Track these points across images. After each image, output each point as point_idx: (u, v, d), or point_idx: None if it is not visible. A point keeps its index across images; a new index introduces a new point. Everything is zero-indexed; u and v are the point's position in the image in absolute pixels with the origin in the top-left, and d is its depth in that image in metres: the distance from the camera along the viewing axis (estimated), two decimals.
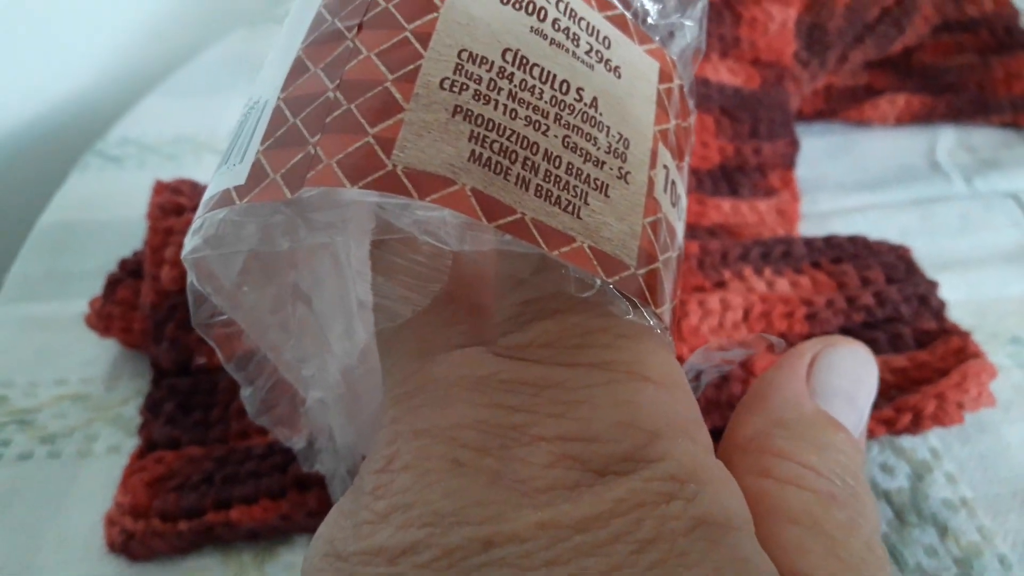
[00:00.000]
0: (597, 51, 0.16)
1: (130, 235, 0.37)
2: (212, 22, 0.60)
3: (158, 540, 0.27)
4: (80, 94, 0.55)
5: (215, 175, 0.16)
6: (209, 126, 0.49)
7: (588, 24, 0.16)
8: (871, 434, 0.29)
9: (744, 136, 0.41)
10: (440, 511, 0.14)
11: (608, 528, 0.13)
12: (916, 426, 0.28)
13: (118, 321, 0.33)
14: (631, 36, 0.17)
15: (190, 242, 0.16)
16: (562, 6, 0.16)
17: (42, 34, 0.52)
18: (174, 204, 0.34)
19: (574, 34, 0.16)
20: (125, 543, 0.27)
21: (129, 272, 0.34)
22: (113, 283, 0.34)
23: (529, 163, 0.14)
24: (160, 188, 0.35)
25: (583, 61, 0.16)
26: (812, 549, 0.15)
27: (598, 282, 0.14)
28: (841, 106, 0.46)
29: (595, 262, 0.14)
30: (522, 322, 0.15)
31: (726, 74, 0.41)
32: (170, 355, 0.31)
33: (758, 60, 0.42)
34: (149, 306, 0.32)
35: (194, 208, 0.34)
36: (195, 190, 0.35)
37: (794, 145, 0.42)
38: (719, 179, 0.40)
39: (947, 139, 0.45)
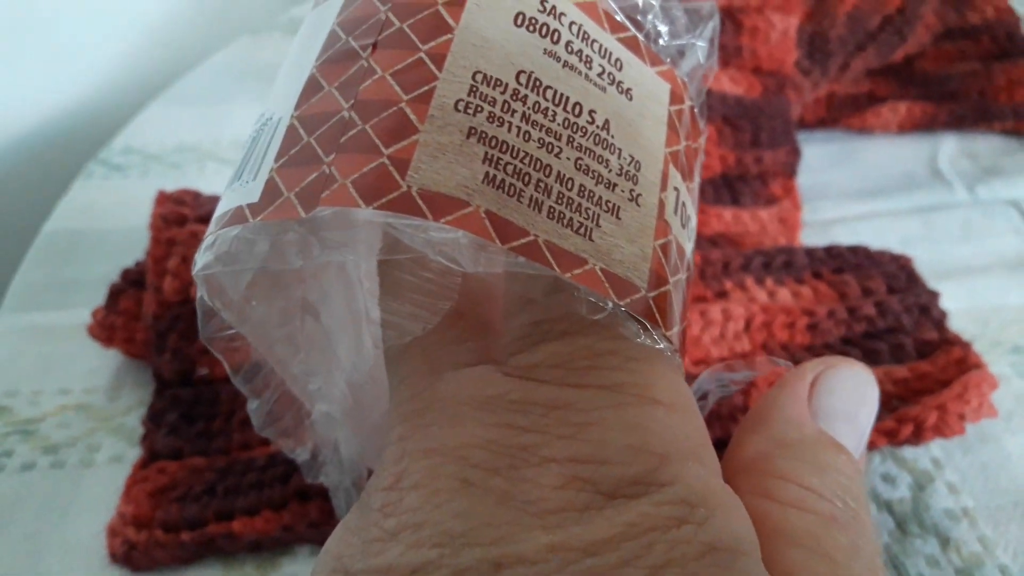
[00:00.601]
0: (609, 73, 0.16)
1: (133, 244, 0.38)
2: (215, 30, 0.60)
3: (160, 550, 0.27)
4: (83, 102, 0.55)
5: (227, 191, 0.16)
6: (212, 135, 0.49)
7: (601, 46, 0.16)
8: (872, 445, 0.29)
9: (745, 145, 0.41)
10: (450, 531, 0.14)
11: (619, 552, 0.13)
12: (917, 437, 0.28)
13: (121, 331, 0.33)
14: (643, 58, 0.17)
15: (202, 258, 0.16)
16: (575, 28, 0.16)
17: (46, 42, 0.52)
18: (176, 215, 0.34)
19: (587, 56, 0.16)
20: (127, 553, 0.27)
21: (131, 282, 0.34)
22: (115, 293, 0.34)
23: (542, 185, 0.14)
24: (162, 198, 0.35)
25: (595, 83, 0.16)
26: (815, 572, 0.15)
27: (609, 304, 0.14)
28: (843, 114, 0.46)
29: (606, 284, 0.14)
30: (532, 342, 0.15)
31: (727, 83, 0.41)
32: (172, 366, 0.31)
33: (759, 69, 0.42)
34: (151, 317, 0.32)
35: (196, 219, 0.34)
36: (197, 200, 0.35)
37: (795, 153, 0.42)
38: (720, 188, 0.40)
39: (949, 147, 0.45)
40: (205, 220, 0.34)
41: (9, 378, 0.34)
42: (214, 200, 0.36)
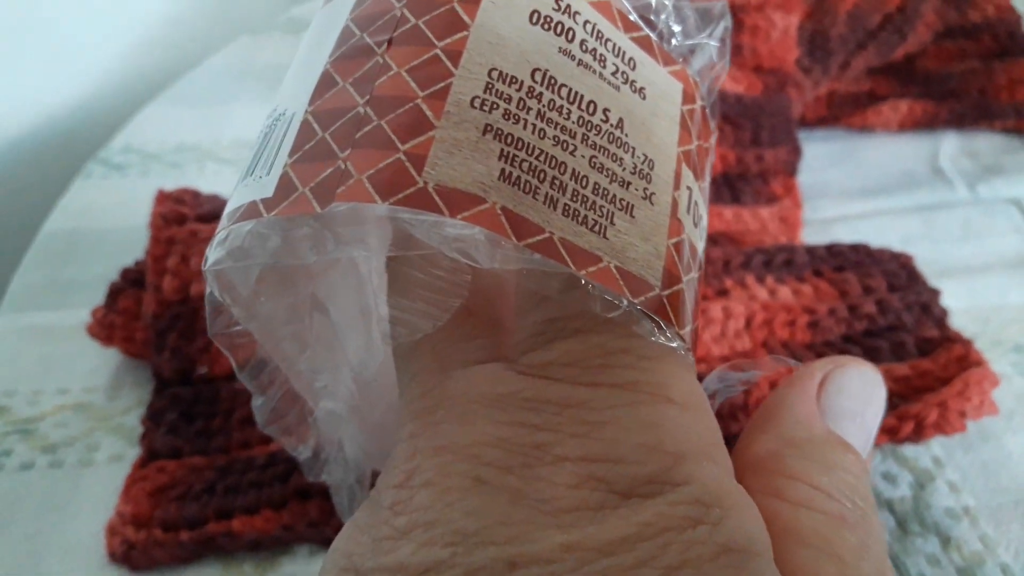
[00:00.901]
0: (623, 72, 0.16)
1: (132, 244, 0.37)
2: (215, 30, 0.60)
3: (159, 550, 0.27)
4: (83, 102, 0.55)
5: (238, 186, 0.16)
6: (212, 135, 0.49)
7: (614, 45, 0.16)
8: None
9: (746, 143, 0.41)
10: (463, 530, 0.13)
11: (634, 552, 0.13)
12: (918, 435, 0.28)
13: (120, 330, 0.33)
14: (656, 57, 0.17)
15: (214, 253, 0.16)
16: (589, 27, 0.16)
17: (46, 42, 0.52)
18: (176, 213, 0.34)
19: (601, 55, 0.16)
20: (126, 553, 0.27)
21: (131, 281, 0.34)
22: (115, 292, 0.34)
23: (557, 183, 0.14)
24: (162, 197, 0.35)
25: (609, 82, 0.16)
26: (824, 572, 0.15)
27: (624, 302, 0.14)
28: (844, 112, 0.46)
29: (621, 282, 0.14)
30: (545, 340, 0.15)
31: (728, 81, 0.41)
32: (172, 364, 0.31)
33: (760, 67, 0.42)
34: (151, 316, 0.32)
35: (196, 217, 0.34)
36: (197, 199, 0.35)
37: (796, 152, 0.42)
38: (721, 186, 0.40)
39: (950, 145, 0.45)
40: (205, 219, 0.34)
41: (8, 378, 0.34)
42: (214, 199, 0.36)
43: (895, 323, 0.32)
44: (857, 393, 0.18)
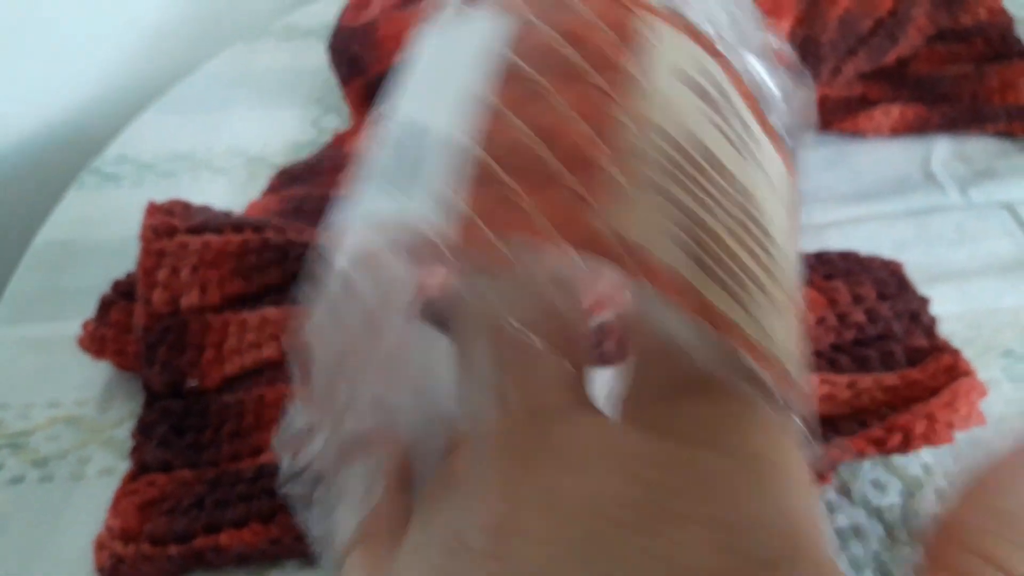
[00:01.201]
0: (749, 145, 0.16)
1: (126, 254, 0.37)
2: (209, 38, 0.60)
3: (148, 564, 0.27)
4: (77, 110, 0.55)
5: (372, 189, 0.16)
6: (206, 143, 0.49)
7: (743, 119, 0.16)
8: (861, 454, 0.28)
9: None
10: None
11: None
12: (906, 446, 0.28)
13: (111, 343, 0.33)
14: (767, 131, 0.17)
15: (351, 240, 0.16)
16: (727, 99, 0.16)
17: (39, 51, 0.52)
18: (167, 226, 0.34)
19: (734, 127, 0.16)
20: (115, 567, 0.27)
21: (122, 294, 0.34)
22: (106, 305, 0.34)
23: (710, 251, 0.14)
24: (152, 209, 0.35)
25: (742, 153, 0.16)
26: None
27: (754, 370, 0.14)
28: (836, 117, 0.46)
29: (755, 353, 0.14)
30: (670, 397, 0.15)
31: None
32: (162, 378, 0.31)
33: None
34: (141, 328, 0.32)
35: (187, 230, 0.34)
36: (188, 211, 0.35)
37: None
38: None
39: (942, 149, 0.45)
40: (195, 231, 0.34)
41: (0, 390, 0.34)
42: (205, 210, 0.36)
43: (885, 332, 0.32)
44: None
